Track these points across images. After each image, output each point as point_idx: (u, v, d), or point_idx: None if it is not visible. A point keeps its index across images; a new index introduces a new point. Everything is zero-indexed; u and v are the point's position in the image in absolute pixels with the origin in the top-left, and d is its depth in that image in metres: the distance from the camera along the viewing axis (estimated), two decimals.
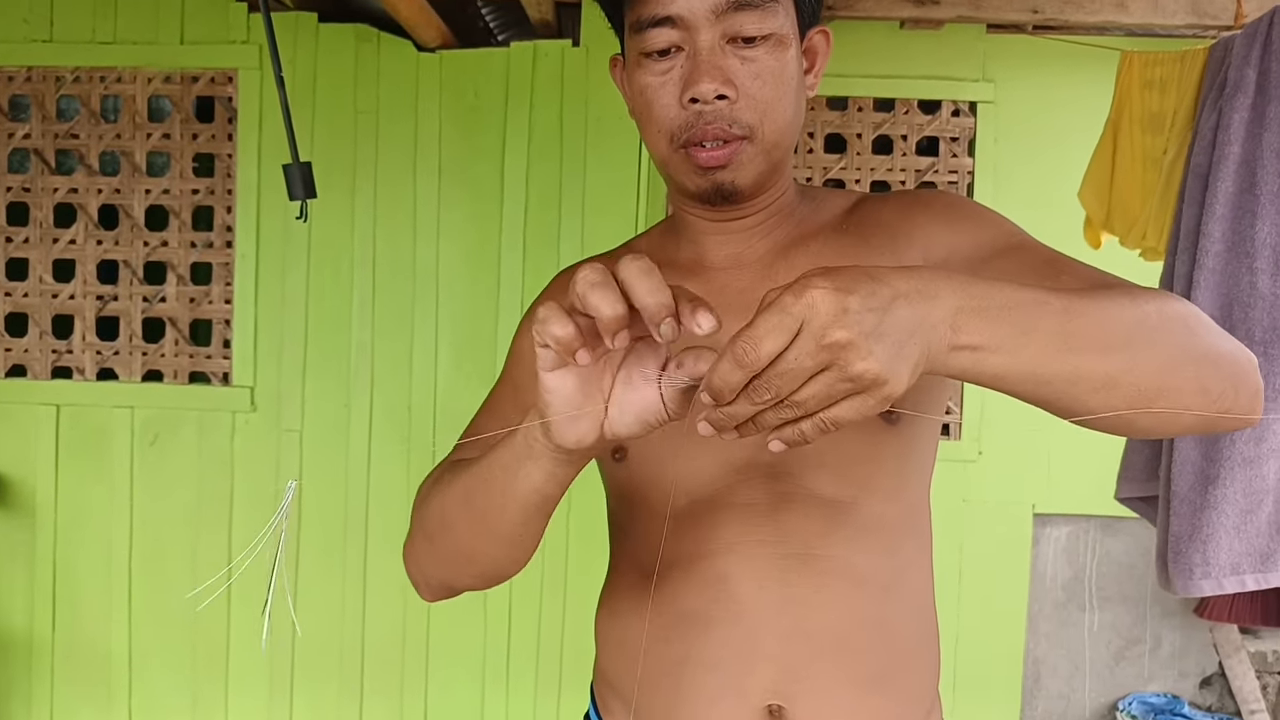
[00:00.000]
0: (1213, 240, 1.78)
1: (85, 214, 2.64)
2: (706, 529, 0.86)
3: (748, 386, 0.58)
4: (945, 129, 2.62)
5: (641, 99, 0.86)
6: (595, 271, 0.60)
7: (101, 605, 2.67)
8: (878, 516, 0.86)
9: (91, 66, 2.60)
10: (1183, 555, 1.77)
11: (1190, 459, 1.79)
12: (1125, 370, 0.66)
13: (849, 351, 0.56)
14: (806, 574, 0.84)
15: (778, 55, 0.84)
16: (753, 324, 0.57)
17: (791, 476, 0.85)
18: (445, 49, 2.56)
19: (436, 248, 2.60)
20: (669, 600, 0.87)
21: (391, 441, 2.62)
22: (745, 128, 0.83)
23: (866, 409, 0.58)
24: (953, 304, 0.61)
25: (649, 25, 0.83)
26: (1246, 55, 1.82)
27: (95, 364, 2.67)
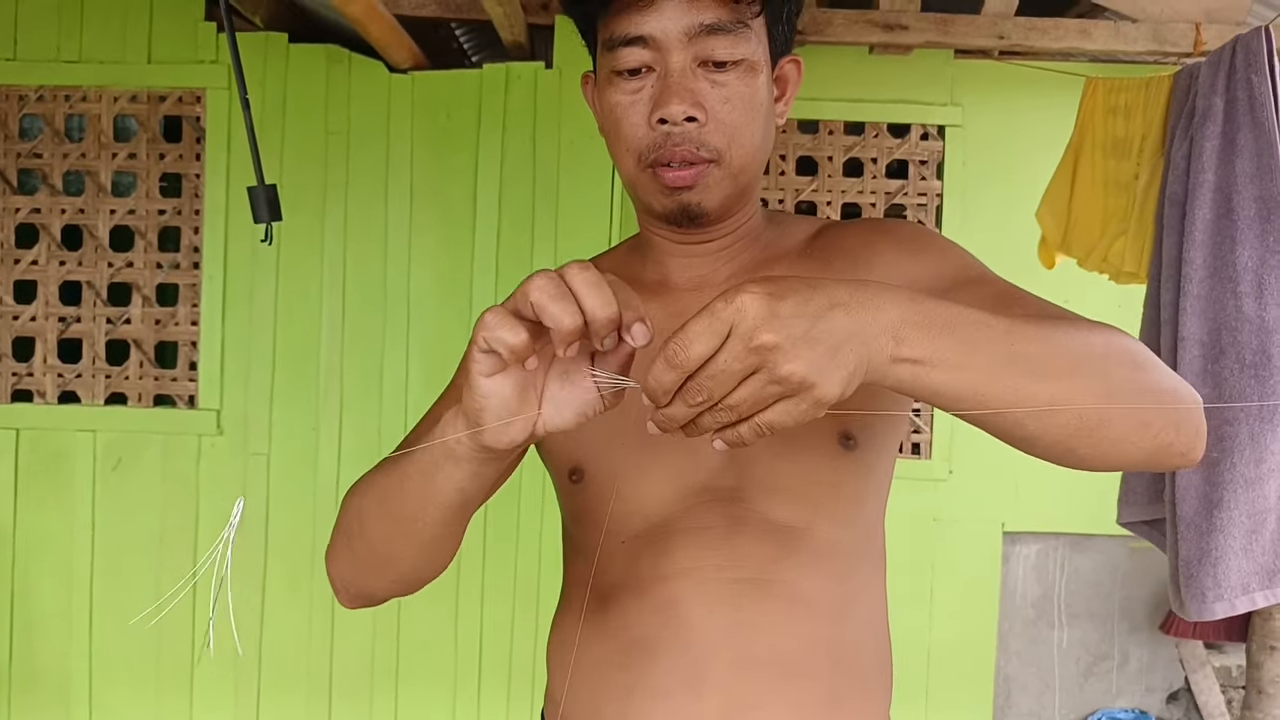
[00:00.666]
0: (1195, 267, 1.82)
1: (48, 234, 2.60)
2: (660, 553, 0.85)
3: (682, 389, 0.59)
4: (914, 152, 2.65)
5: (611, 117, 0.86)
6: (552, 283, 0.60)
7: (61, 633, 2.61)
8: (832, 542, 0.87)
9: (56, 85, 2.56)
10: (1194, 579, 1.80)
11: (1193, 483, 1.82)
12: (1066, 397, 0.66)
13: (775, 354, 0.57)
14: (758, 599, 0.84)
15: (748, 81, 0.83)
16: (684, 327, 0.59)
17: (747, 501, 0.85)
18: (417, 70, 2.55)
19: (408, 270, 2.58)
20: (620, 626, 0.86)
21: (361, 466, 2.57)
22: (713, 151, 0.83)
23: (798, 413, 0.59)
24: (895, 316, 0.62)
25: (621, 44, 0.83)
26: (1213, 84, 1.87)
27: (57, 387, 2.62)
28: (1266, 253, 1.77)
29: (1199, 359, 1.83)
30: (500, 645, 2.59)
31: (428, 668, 2.60)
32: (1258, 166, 1.80)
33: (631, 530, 0.87)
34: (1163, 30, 2.38)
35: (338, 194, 2.57)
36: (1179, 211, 1.90)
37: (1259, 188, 1.79)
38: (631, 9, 0.82)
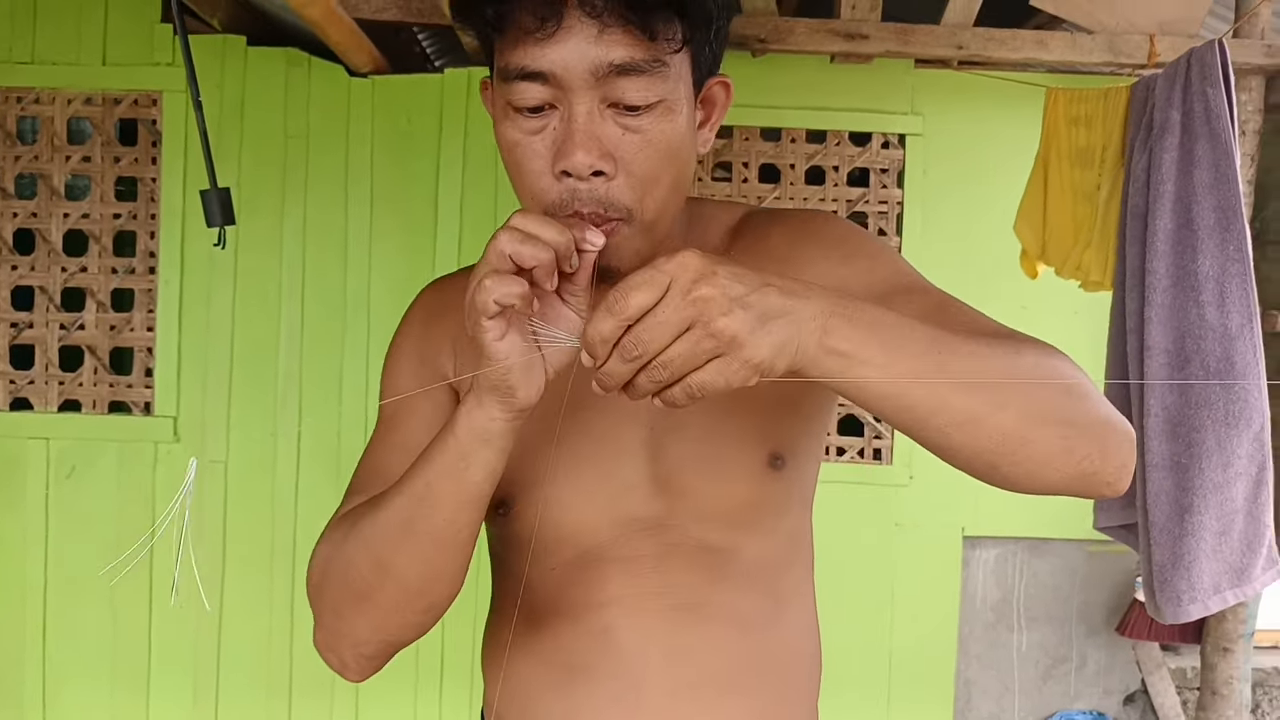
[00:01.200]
0: (1158, 277, 1.85)
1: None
2: (593, 582, 0.85)
3: (619, 344, 0.60)
4: (876, 160, 2.67)
5: (510, 156, 0.78)
6: (515, 232, 0.64)
7: (14, 639, 2.56)
8: (762, 558, 0.87)
9: (8, 86, 2.52)
10: (1169, 584, 1.84)
11: (1164, 489, 1.85)
12: (989, 412, 0.66)
13: (711, 306, 0.59)
14: (692, 623, 0.85)
15: (665, 123, 0.75)
16: (626, 279, 0.61)
17: (677, 528, 0.85)
18: (378, 74, 2.53)
19: (368, 275, 2.56)
20: (556, 650, 0.86)
21: (320, 473, 2.57)
22: (621, 210, 0.75)
23: (729, 373, 0.61)
24: (823, 306, 0.64)
25: (517, 77, 0.73)
26: (1169, 96, 1.90)
27: (8, 393, 2.57)
28: (1227, 261, 1.81)
29: (1165, 367, 1.86)
30: (463, 643, 2.57)
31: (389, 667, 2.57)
32: (1215, 177, 1.84)
33: (562, 558, 0.86)
34: (1118, 42, 2.41)
35: (296, 198, 2.55)
36: (1141, 223, 1.93)
37: (1217, 197, 1.83)
38: (529, 39, 0.72)
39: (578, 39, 0.71)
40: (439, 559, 0.75)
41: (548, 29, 0.71)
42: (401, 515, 0.74)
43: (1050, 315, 2.66)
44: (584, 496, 0.85)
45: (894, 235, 2.68)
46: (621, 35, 0.71)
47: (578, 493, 0.85)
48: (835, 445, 2.68)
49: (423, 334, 0.92)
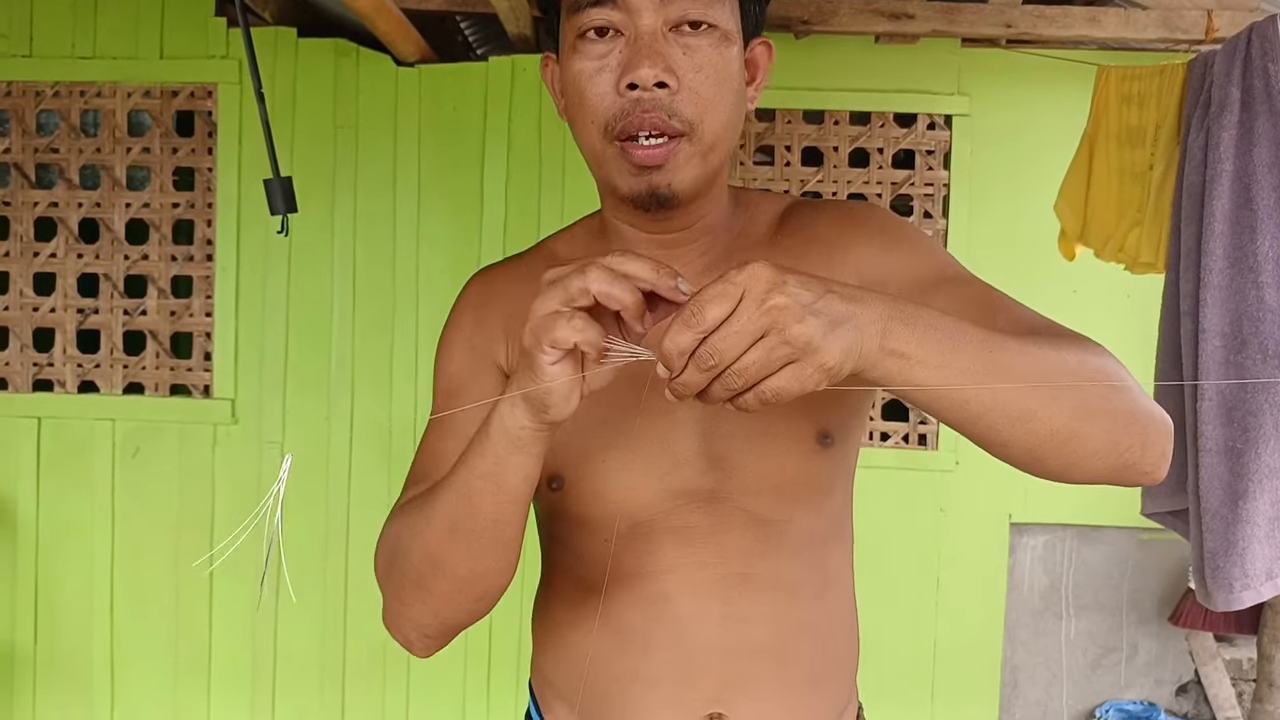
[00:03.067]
0: (1215, 258, 1.81)
1: (65, 228, 2.65)
2: (647, 551, 0.88)
3: (695, 354, 0.61)
4: (921, 142, 2.64)
5: (574, 86, 0.82)
6: (605, 271, 0.65)
7: (83, 617, 2.67)
8: (809, 531, 0.90)
9: (71, 81, 2.61)
10: (1221, 570, 1.80)
11: (1218, 474, 1.81)
12: (1040, 407, 0.69)
13: (786, 314, 0.60)
14: (745, 591, 0.87)
15: (721, 50, 0.80)
16: (700, 293, 0.62)
17: (729, 499, 0.87)
18: (424, 63, 2.57)
19: (416, 260, 2.61)
20: (612, 617, 0.89)
21: (372, 453, 2.63)
22: (684, 122, 0.79)
23: (803, 377, 0.62)
24: (882, 310, 0.66)
25: (589, 4, 0.79)
26: (1229, 73, 1.85)
27: (76, 377, 2.68)
28: None
29: (1220, 349, 1.82)
30: (510, 617, 2.62)
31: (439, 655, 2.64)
32: (1276, 155, 1.78)
33: (614, 531, 0.88)
34: (1173, 17, 2.35)
35: (347, 186, 2.60)
36: (1197, 202, 1.88)
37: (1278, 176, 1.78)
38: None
39: None
40: (487, 555, 0.78)
41: None
42: (448, 513, 0.77)
43: (1101, 299, 2.62)
44: (637, 471, 0.87)
45: (940, 218, 2.65)
46: None
47: (631, 468, 0.87)
48: (880, 430, 2.67)
49: (475, 323, 0.93)
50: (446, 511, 0.77)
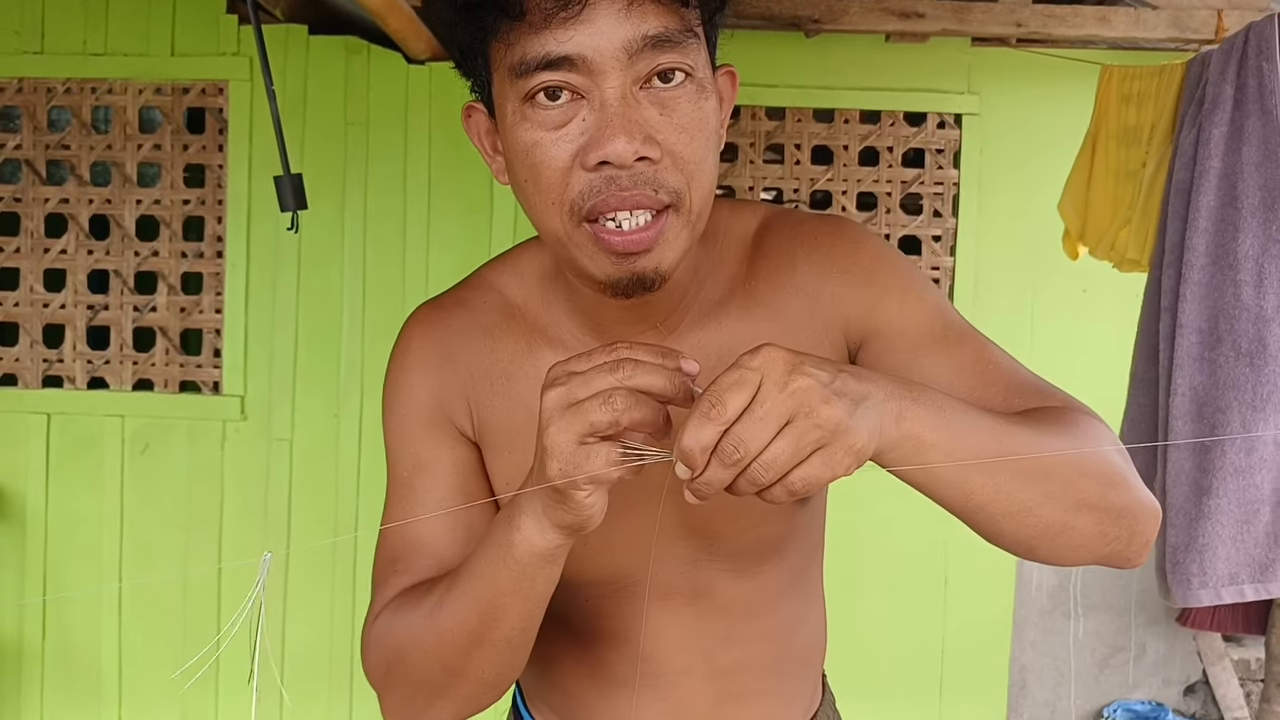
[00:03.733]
0: (1197, 254, 1.81)
1: (76, 224, 2.66)
2: (631, 615, 0.86)
3: (717, 449, 0.57)
4: (931, 141, 2.64)
5: (526, 163, 0.69)
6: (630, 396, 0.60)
7: (91, 613, 2.68)
8: (790, 570, 0.90)
9: (83, 78, 2.62)
10: (1180, 565, 1.80)
11: (1185, 470, 1.81)
12: (1038, 503, 0.68)
13: (812, 396, 0.56)
14: (730, 646, 0.88)
15: (699, 102, 0.69)
16: (715, 384, 0.57)
17: (711, 563, 0.86)
18: (435, 60, 2.58)
19: (426, 257, 2.61)
20: (599, 667, 0.89)
21: (380, 451, 2.62)
22: (671, 192, 0.68)
23: (835, 463, 0.58)
24: (892, 390, 0.62)
25: (538, 67, 0.66)
26: (1223, 71, 1.85)
27: (86, 373, 2.68)
28: (1268, 241, 1.76)
29: (1196, 345, 1.82)
30: None
31: None
32: (1264, 154, 1.79)
33: (595, 591, 0.86)
34: (1183, 17, 2.35)
35: (357, 183, 2.61)
36: (1184, 199, 1.89)
37: (1264, 175, 1.78)
38: (552, 21, 0.65)
39: (606, 15, 0.65)
40: (514, 657, 0.74)
41: (573, 8, 0.64)
42: (468, 628, 0.71)
43: (1111, 298, 2.62)
44: (616, 541, 0.82)
45: (949, 216, 2.65)
46: (652, 6, 0.66)
47: (610, 539, 0.81)
48: None
49: (428, 386, 0.84)
50: (468, 627, 0.71)
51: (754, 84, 2.59)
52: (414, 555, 0.80)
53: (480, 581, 0.70)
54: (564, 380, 0.61)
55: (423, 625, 0.74)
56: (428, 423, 0.83)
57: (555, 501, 0.63)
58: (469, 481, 0.83)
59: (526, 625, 0.72)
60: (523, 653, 0.75)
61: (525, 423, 0.82)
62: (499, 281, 0.86)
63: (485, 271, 0.88)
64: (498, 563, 0.68)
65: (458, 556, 0.78)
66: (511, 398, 0.82)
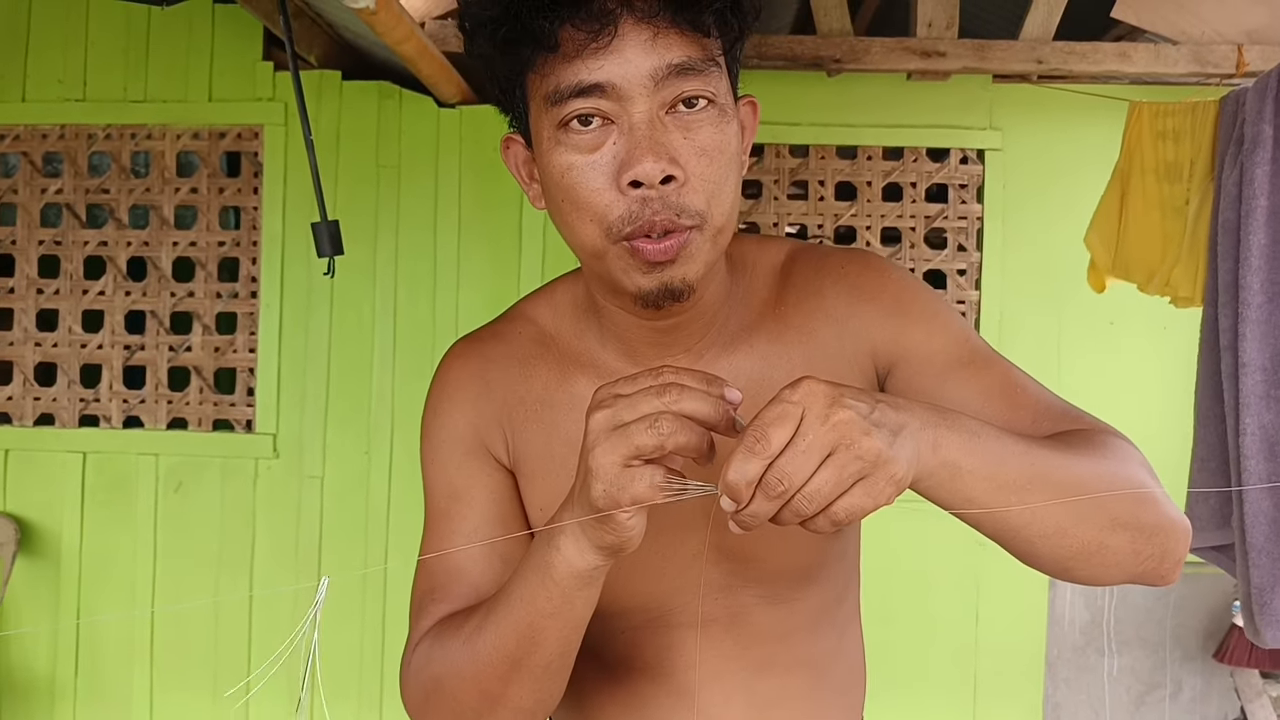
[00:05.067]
0: (1253, 292, 1.82)
1: (114, 266, 2.72)
2: (667, 645, 0.86)
3: (761, 482, 0.58)
4: (954, 176, 2.66)
5: (561, 182, 0.73)
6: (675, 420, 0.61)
7: (123, 649, 2.70)
8: (824, 599, 0.90)
9: (123, 124, 2.69)
10: (1268, 606, 1.79)
11: (1263, 509, 1.80)
12: (1073, 524, 0.69)
13: (853, 428, 0.59)
14: (768, 676, 0.88)
15: (721, 127, 0.73)
16: (757, 418, 0.59)
17: (746, 589, 0.86)
18: (465, 104, 2.63)
19: (456, 297, 2.65)
20: (635, 701, 0.88)
21: (411, 488, 2.65)
22: (694, 215, 0.72)
23: (877, 493, 0.59)
24: (927, 418, 0.64)
25: (572, 95, 0.71)
26: (1260, 110, 1.87)
27: (122, 412, 2.73)
28: None
29: (1261, 384, 1.82)
30: None
31: None
32: None
33: (630, 622, 0.87)
34: (1204, 52, 2.37)
35: (389, 225, 2.66)
36: (1233, 237, 1.90)
37: None
38: (583, 52, 0.70)
39: (633, 45, 0.70)
40: (553, 683, 0.75)
41: (602, 39, 0.69)
42: (506, 653, 0.72)
43: (1138, 332, 2.62)
44: (652, 569, 0.84)
45: (974, 251, 2.66)
46: (676, 37, 0.71)
47: (646, 566, 0.83)
48: None
49: (465, 414, 0.86)
50: (506, 652, 0.72)
51: (778, 122, 2.62)
52: (452, 584, 0.81)
53: (519, 605, 0.70)
54: (610, 403, 0.63)
55: (461, 652, 0.74)
56: (464, 452, 0.85)
57: (597, 523, 0.64)
58: (505, 509, 0.84)
59: (565, 650, 0.73)
60: (561, 680, 0.75)
61: (561, 449, 0.84)
62: (534, 313, 0.90)
63: (520, 305, 0.92)
64: (536, 585, 0.69)
65: (495, 584, 0.79)
66: (547, 425, 0.84)
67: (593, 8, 0.69)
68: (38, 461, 2.71)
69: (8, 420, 2.75)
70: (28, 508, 2.71)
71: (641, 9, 0.70)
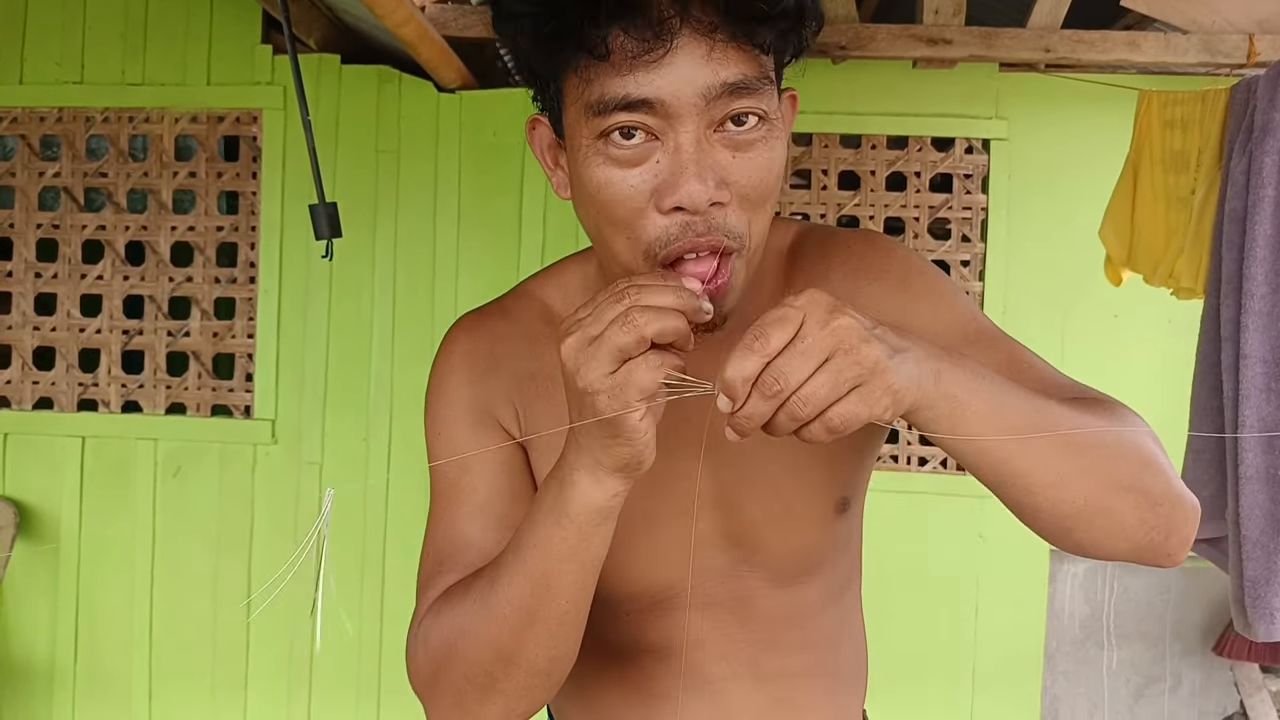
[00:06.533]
0: (1256, 284, 1.80)
1: (113, 250, 2.70)
2: (673, 626, 0.87)
3: (758, 381, 0.59)
4: (959, 166, 2.63)
5: (599, 199, 0.70)
6: (649, 311, 0.60)
7: (122, 634, 2.70)
8: (828, 585, 0.91)
9: (120, 107, 2.67)
10: (1261, 600, 1.78)
11: (1259, 503, 1.79)
12: (1076, 476, 0.67)
13: (853, 334, 0.59)
14: (774, 653, 0.88)
15: (772, 142, 0.70)
16: (759, 321, 0.59)
17: (751, 573, 0.86)
18: (465, 89, 2.61)
19: (455, 283, 2.64)
20: (643, 683, 0.89)
21: (409, 474, 2.65)
22: (737, 237, 0.70)
23: (873, 401, 0.59)
24: (931, 351, 0.64)
25: (617, 108, 0.66)
26: (1271, 98, 1.84)
27: (120, 397, 2.72)
28: None
29: (1261, 375, 1.80)
30: None
31: None
32: None
33: (636, 605, 0.87)
34: (1214, 41, 2.34)
35: (388, 210, 2.64)
36: (1239, 227, 1.87)
37: None
38: (635, 64, 0.65)
39: (688, 60, 0.65)
40: (567, 639, 0.72)
41: (656, 52, 0.65)
42: (521, 605, 0.70)
43: (1143, 324, 2.60)
44: (657, 550, 0.84)
45: (978, 242, 2.64)
46: (734, 53, 0.66)
47: (650, 548, 0.83)
48: (917, 455, 2.65)
49: (473, 386, 0.85)
50: (520, 604, 0.69)
51: None
52: (460, 555, 0.79)
53: (533, 553, 0.68)
54: (575, 327, 0.62)
55: (473, 611, 0.72)
56: (472, 423, 0.84)
57: (609, 438, 0.62)
58: (516, 481, 0.82)
59: (580, 598, 0.70)
60: (576, 635, 0.73)
61: None
62: (541, 292, 0.88)
63: (527, 284, 0.90)
64: (552, 528, 0.67)
65: None
66: (558, 401, 0.82)
67: (650, 15, 0.65)
68: (37, 445, 2.70)
69: (6, 404, 2.74)
70: (27, 492, 2.70)
71: (700, 21, 0.65)
